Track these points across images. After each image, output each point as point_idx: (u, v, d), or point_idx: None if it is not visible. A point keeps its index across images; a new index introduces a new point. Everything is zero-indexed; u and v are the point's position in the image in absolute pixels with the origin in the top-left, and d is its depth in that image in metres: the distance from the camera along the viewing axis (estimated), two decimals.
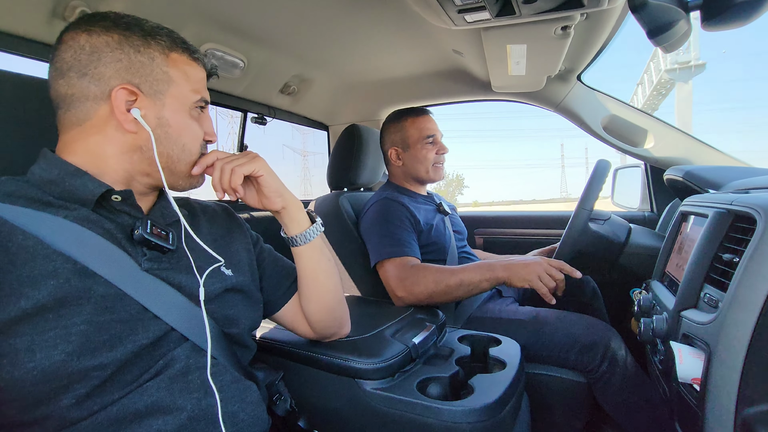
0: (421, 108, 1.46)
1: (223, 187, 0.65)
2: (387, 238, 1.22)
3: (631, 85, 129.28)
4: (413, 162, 1.41)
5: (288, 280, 0.80)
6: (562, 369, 1.09)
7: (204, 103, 0.65)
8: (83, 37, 0.55)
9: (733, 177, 0.95)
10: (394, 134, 1.44)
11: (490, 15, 0.94)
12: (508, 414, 0.79)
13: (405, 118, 1.43)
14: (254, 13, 1.15)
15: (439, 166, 1.43)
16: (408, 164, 1.42)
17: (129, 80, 0.57)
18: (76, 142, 0.57)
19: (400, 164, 1.44)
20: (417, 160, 1.41)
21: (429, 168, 1.41)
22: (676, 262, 0.85)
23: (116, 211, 0.58)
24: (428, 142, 1.40)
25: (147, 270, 0.57)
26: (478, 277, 1.08)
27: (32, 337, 0.46)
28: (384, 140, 1.48)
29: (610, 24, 1.13)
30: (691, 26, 0.69)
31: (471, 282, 1.09)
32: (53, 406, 0.48)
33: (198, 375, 0.58)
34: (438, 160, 1.42)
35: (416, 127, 1.41)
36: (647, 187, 1.64)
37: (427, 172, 1.41)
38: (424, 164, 1.40)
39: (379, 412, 0.79)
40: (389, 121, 1.47)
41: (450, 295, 1.10)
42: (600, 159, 1.18)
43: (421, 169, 1.41)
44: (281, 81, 1.60)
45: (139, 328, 0.54)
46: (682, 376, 0.60)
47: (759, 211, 0.59)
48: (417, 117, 1.42)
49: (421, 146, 1.40)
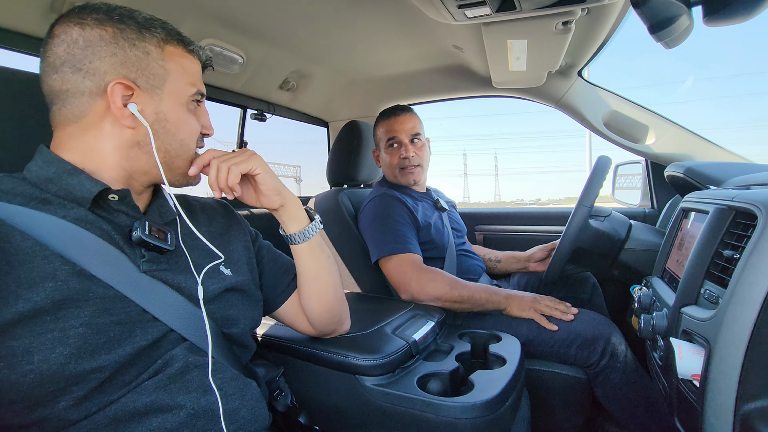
0: (395, 107, 1.43)
1: (219, 186, 0.64)
2: (389, 235, 1.22)
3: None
4: (384, 165, 1.43)
5: (288, 277, 0.80)
6: (562, 365, 1.10)
7: (200, 96, 0.64)
8: (76, 30, 0.54)
9: (733, 173, 0.95)
10: (375, 135, 1.47)
11: (490, 10, 0.94)
12: (508, 410, 0.79)
13: (380, 119, 1.43)
14: (253, 9, 1.14)
15: (406, 170, 1.38)
16: (383, 166, 1.45)
17: (125, 75, 0.56)
18: (72, 139, 0.56)
19: (380, 165, 1.46)
20: (385, 164, 1.43)
21: (396, 172, 1.39)
22: (676, 258, 0.85)
23: (113, 211, 0.58)
24: (390, 145, 1.39)
25: (145, 271, 0.57)
26: (485, 297, 1.16)
27: (30, 339, 0.46)
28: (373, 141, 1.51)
29: (611, 19, 1.12)
30: (692, 21, 0.69)
31: (479, 300, 1.16)
32: (51, 409, 0.47)
33: (197, 374, 0.57)
34: (403, 164, 1.37)
35: (383, 130, 1.41)
36: (648, 184, 1.64)
37: (395, 177, 1.41)
38: (390, 168, 1.41)
39: (380, 408, 0.80)
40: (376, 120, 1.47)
41: (458, 303, 1.15)
42: (600, 155, 1.17)
43: (389, 173, 1.42)
44: (280, 77, 1.59)
45: (137, 330, 0.54)
46: (682, 372, 0.60)
47: (760, 208, 0.58)
48: (386, 119, 1.41)
49: (386, 149, 1.40)
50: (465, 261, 1.40)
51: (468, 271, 1.38)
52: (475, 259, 1.46)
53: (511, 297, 1.17)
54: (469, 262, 1.41)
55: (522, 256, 1.53)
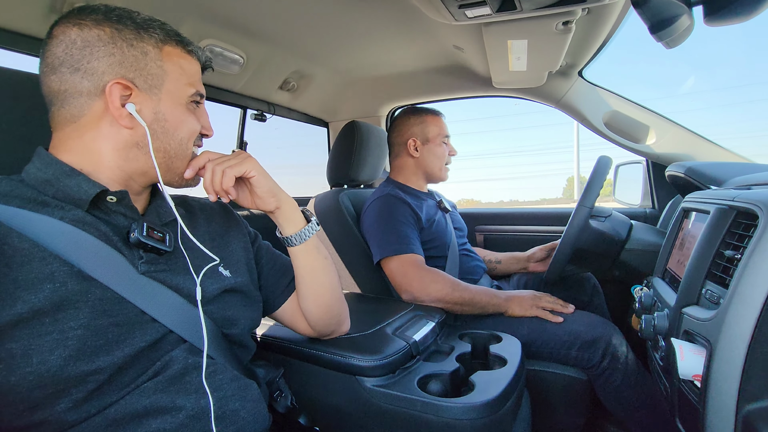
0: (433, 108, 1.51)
1: (214, 189, 0.64)
2: (392, 235, 1.22)
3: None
4: (430, 156, 1.44)
5: (286, 278, 0.80)
6: (562, 366, 1.09)
7: (200, 96, 0.64)
8: (74, 31, 0.54)
9: (734, 173, 0.95)
10: (414, 126, 1.45)
11: (490, 10, 0.94)
12: (508, 411, 0.79)
13: (426, 113, 1.47)
14: (253, 9, 1.14)
15: (448, 167, 1.49)
16: (424, 157, 1.44)
17: (123, 75, 0.56)
18: (70, 140, 0.56)
19: (417, 156, 1.44)
20: (435, 155, 1.44)
21: (442, 166, 1.45)
22: (677, 258, 0.85)
23: (111, 212, 0.57)
24: (445, 141, 1.45)
25: (144, 273, 0.57)
26: (486, 300, 1.17)
27: (29, 341, 0.46)
28: (400, 131, 1.46)
29: (611, 19, 1.12)
30: (693, 21, 0.69)
31: (480, 302, 1.16)
32: (50, 411, 0.47)
33: (196, 375, 0.57)
34: (449, 160, 1.48)
35: (437, 125, 1.45)
36: (649, 184, 1.64)
37: (440, 170, 1.45)
38: (440, 160, 1.44)
39: (380, 409, 0.79)
40: (410, 112, 1.48)
41: (459, 305, 1.15)
42: (601, 155, 1.17)
43: (435, 165, 1.44)
44: (281, 77, 1.59)
45: (136, 331, 0.54)
46: (683, 372, 0.60)
47: (761, 207, 0.58)
48: (437, 116, 1.47)
49: (440, 143, 1.44)
50: (467, 261, 1.40)
51: (469, 272, 1.38)
52: (477, 259, 1.46)
53: (511, 298, 1.17)
54: (471, 263, 1.41)
55: (522, 256, 1.53)
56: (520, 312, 1.15)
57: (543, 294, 1.20)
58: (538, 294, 1.19)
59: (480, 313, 1.18)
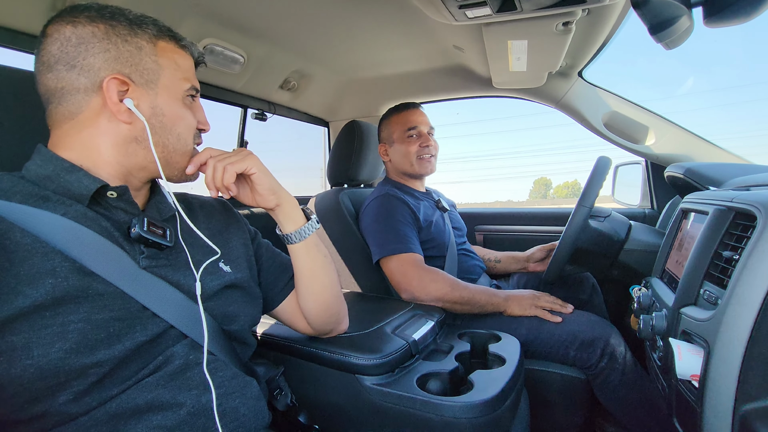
0: (409, 102, 1.47)
1: (216, 185, 0.64)
2: (391, 234, 1.22)
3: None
4: (398, 156, 1.43)
5: (286, 275, 0.80)
6: (561, 365, 1.10)
7: (195, 91, 0.64)
8: (68, 28, 0.54)
9: (733, 174, 0.95)
10: (383, 131, 1.47)
11: (491, 10, 0.94)
12: (507, 410, 0.79)
13: (391, 113, 1.46)
14: (254, 9, 1.14)
15: (424, 159, 1.42)
16: (394, 159, 1.45)
17: (119, 70, 0.56)
18: (69, 137, 0.57)
19: (388, 160, 1.47)
20: (401, 154, 1.42)
21: (413, 161, 1.41)
22: (676, 259, 0.85)
23: (112, 208, 0.58)
24: (410, 135, 1.41)
25: (145, 268, 0.57)
26: (485, 299, 1.17)
27: (29, 334, 0.46)
28: (377, 138, 1.52)
29: (611, 20, 1.12)
30: (693, 22, 0.69)
31: (479, 301, 1.16)
32: (51, 403, 0.48)
33: (197, 371, 0.58)
34: (422, 153, 1.41)
35: (399, 121, 1.43)
36: (648, 184, 1.64)
37: (412, 166, 1.42)
38: (407, 158, 1.41)
39: (379, 408, 0.80)
40: (381, 118, 1.50)
41: (458, 304, 1.16)
42: (601, 156, 1.17)
43: (405, 163, 1.43)
44: (281, 77, 1.60)
45: (137, 326, 0.54)
46: (681, 372, 0.60)
47: (759, 209, 0.58)
48: (401, 112, 1.44)
49: (404, 140, 1.41)
50: (465, 261, 1.41)
51: (468, 271, 1.38)
52: (476, 259, 1.46)
53: (510, 298, 1.18)
54: (470, 262, 1.41)
55: (521, 256, 1.54)
56: (519, 311, 1.15)
57: (542, 294, 1.20)
58: (537, 293, 1.20)
59: (479, 313, 1.18)
